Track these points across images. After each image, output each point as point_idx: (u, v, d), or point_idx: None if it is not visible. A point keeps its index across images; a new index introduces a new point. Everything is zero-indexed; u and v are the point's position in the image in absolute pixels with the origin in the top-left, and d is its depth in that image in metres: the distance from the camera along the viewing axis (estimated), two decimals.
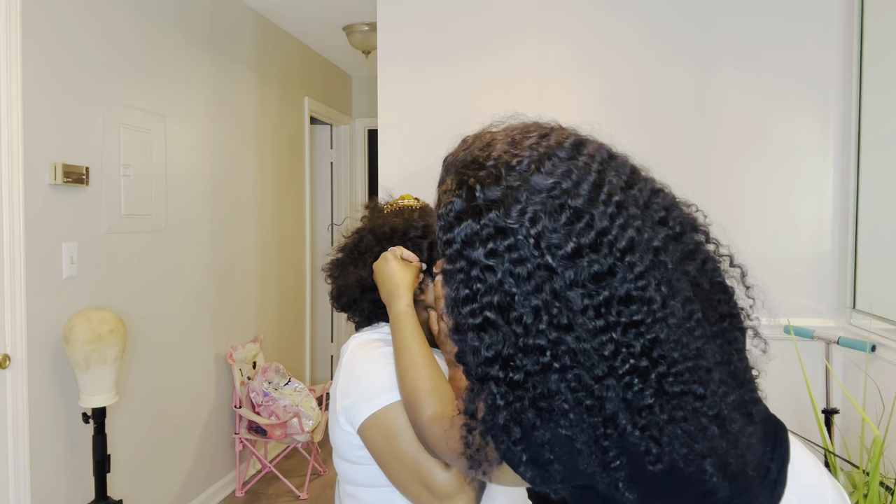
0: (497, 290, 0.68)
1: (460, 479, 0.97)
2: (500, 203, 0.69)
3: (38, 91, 2.09)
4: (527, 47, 2.75)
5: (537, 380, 0.69)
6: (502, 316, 0.68)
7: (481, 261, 0.69)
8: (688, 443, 0.70)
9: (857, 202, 2.38)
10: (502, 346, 0.69)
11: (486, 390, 0.71)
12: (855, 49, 2.40)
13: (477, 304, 0.70)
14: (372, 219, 1.22)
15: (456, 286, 0.72)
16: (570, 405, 0.69)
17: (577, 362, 0.67)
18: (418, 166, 2.85)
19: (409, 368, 1.00)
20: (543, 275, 0.67)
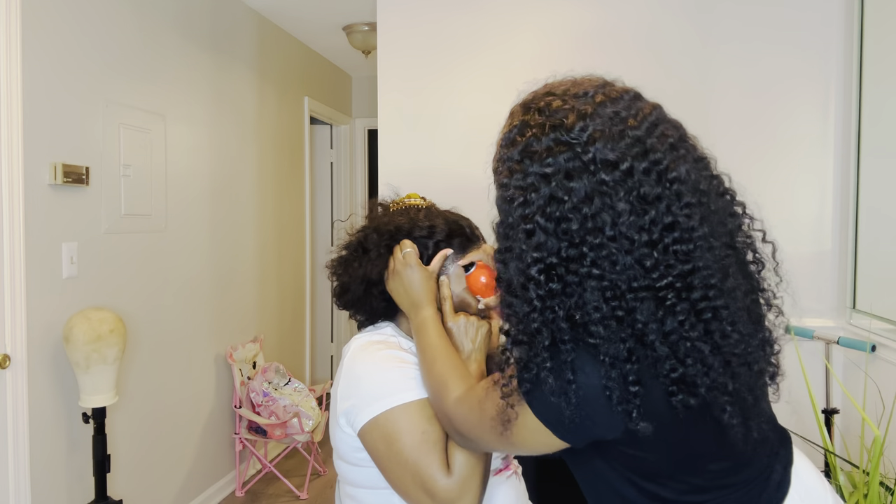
0: (550, 199, 0.73)
1: (462, 485, 0.97)
2: (564, 120, 0.74)
3: (38, 91, 2.09)
4: (527, 46, 2.75)
5: (575, 289, 0.72)
6: (552, 223, 0.73)
7: (539, 171, 0.74)
8: (711, 368, 0.73)
9: (857, 202, 2.38)
10: (547, 253, 0.73)
11: (524, 296, 0.74)
12: (855, 49, 2.40)
13: (529, 210, 0.74)
14: (377, 217, 1.22)
15: (510, 197, 0.76)
16: (602, 313, 0.72)
17: (617, 271, 0.71)
18: (418, 166, 2.85)
19: (435, 360, 1.01)
20: (595, 188, 0.71)
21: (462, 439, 0.96)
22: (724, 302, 0.74)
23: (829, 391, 2.21)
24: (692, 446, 0.81)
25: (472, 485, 0.98)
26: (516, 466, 1.21)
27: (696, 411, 0.75)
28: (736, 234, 0.81)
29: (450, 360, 1.01)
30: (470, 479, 0.97)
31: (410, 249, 1.12)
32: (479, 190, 3.22)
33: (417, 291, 1.09)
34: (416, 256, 1.12)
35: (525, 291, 0.75)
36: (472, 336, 1.10)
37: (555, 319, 0.74)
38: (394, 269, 1.12)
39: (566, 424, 0.77)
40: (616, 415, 0.74)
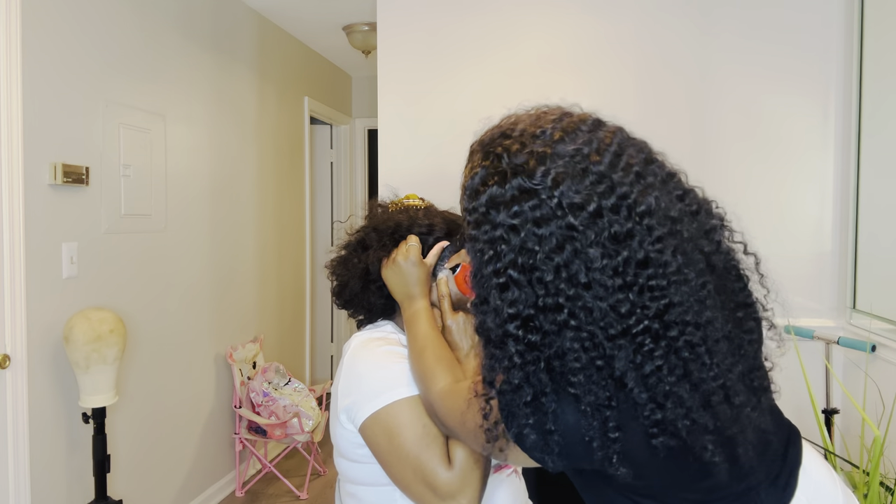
0: (520, 250, 0.71)
1: (463, 478, 0.97)
2: (524, 166, 0.72)
3: (38, 91, 2.09)
4: (527, 46, 2.75)
5: (553, 339, 0.72)
6: (524, 275, 0.71)
7: (506, 221, 0.72)
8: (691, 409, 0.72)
9: (857, 202, 2.38)
10: (523, 306, 0.72)
11: (504, 351, 0.74)
12: (855, 49, 2.40)
13: (501, 263, 0.72)
14: (376, 216, 1.22)
15: (480, 249, 0.75)
16: (581, 363, 0.71)
17: (593, 320, 0.70)
18: (418, 166, 2.85)
19: (424, 349, 1.03)
20: (565, 234, 0.70)
21: (445, 429, 0.98)
22: (700, 336, 0.72)
23: (829, 391, 2.21)
24: (679, 475, 0.80)
25: (473, 478, 0.98)
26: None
27: (677, 451, 0.74)
28: (713, 255, 0.78)
29: (438, 350, 1.03)
30: (471, 472, 0.98)
31: (415, 244, 1.13)
32: None
33: (413, 285, 1.11)
34: (419, 253, 1.13)
35: (504, 346, 0.74)
36: (471, 333, 1.11)
37: (535, 371, 0.73)
38: (394, 258, 1.12)
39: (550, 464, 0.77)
40: (596, 460, 0.74)
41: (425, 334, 1.06)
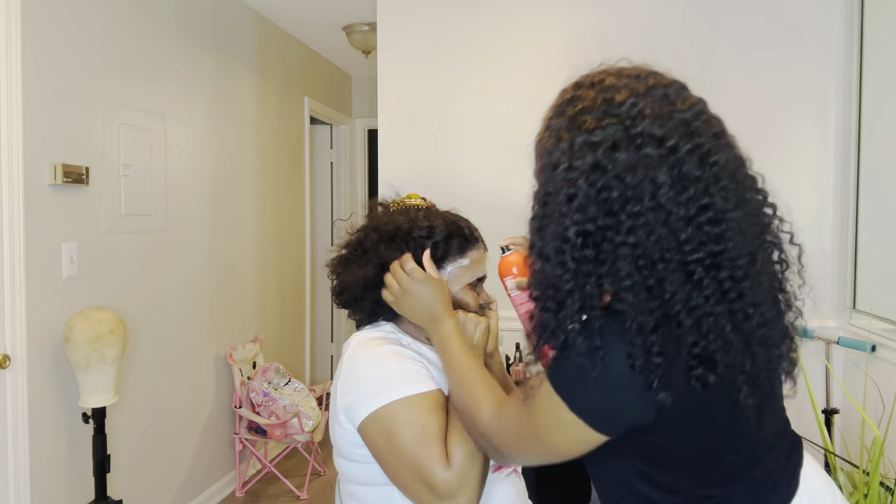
0: (594, 167, 0.76)
1: (461, 478, 0.97)
2: (615, 96, 0.78)
3: (38, 91, 2.09)
4: (527, 45, 2.75)
5: (608, 256, 0.75)
6: (593, 189, 0.75)
7: (588, 139, 0.76)
8: (731, 345, 0.76)
9: (857, 202, 2.38)
10: (585, 218, 0.75)
11: (560, 262, 0.77)
12: (855, 49, 2.40)
13: (573, 174, 0.76)
14: (377, 216, 1.22)
15: (555, 163, 0.79)
16: (633, 281, 0.74)
17: (651, 242, 0.74)
18: (418, 166, 2.85)
19: (462, 377, 1.01)
20: (639, 160, 0.74)
21: (499, 455, 0.95)
22: (749, 284, 0.76)
23: (829, 391, 2.21)
24: (707, 432, 0.83)
25: (472, 478, 0.98)
26: (516, 465, 1.21)
27: (712, 391, 0.77)
28: (766, 231, 0.83)
29: (476, 375, 1.00)
30: (469, 472, 0.98)
31: (412, 264, 1.10)
32: (478, 190, 3.25)
33: (433, 304, 1.08)
34: (420, 271, 1.10)
35: (560, 255, 0.77)
36: (470, 333, 1.11)
37: (586, 285, 0.76)
38: (401, 290, 1.09)
39: (590, 399, 0.78)
40: (637, 385, 0.75)
41: (459, 361, 1.03)
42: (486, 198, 2.79)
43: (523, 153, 3.21)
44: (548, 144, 0.82)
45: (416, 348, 1.14)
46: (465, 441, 0.99)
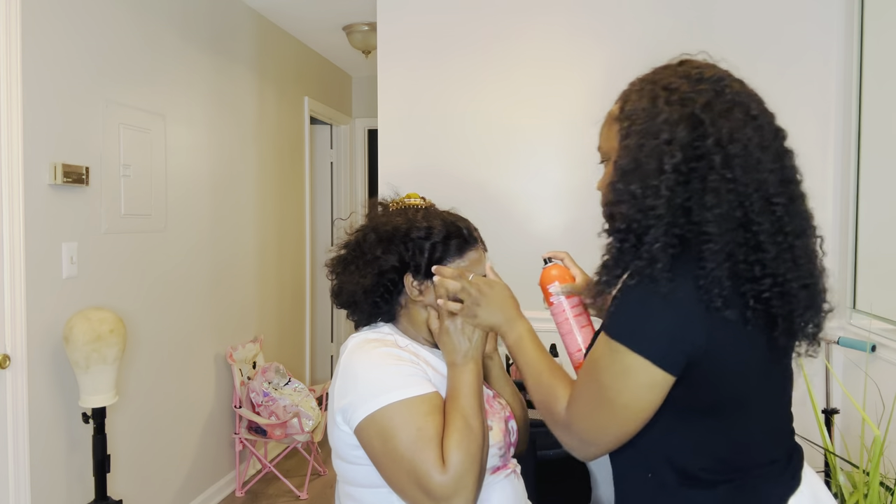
0: (690, 117, 0.88)
1: (457, 481, 0.97)
2: (704, 72, 0.92)
3: (38, 91, 2.09)
4: (527, 45, 2.75)
5: (696, 192, 0.86)
6: (691, 134, 0.87)
7: (680, 94, 0.90)
8: (790, 279, 0.89)
9: (857, 202, 2.38)
10: (681, 160, 0.86)
11: (655, 182, 0.87)
12: (855, 49, 2.40)
13: (672, 122, 0.87)
14: (376, 216, 1.22)
15: (654, 114, 0.89)
16: (721, 211, 0.85)
17: (745, 178, 0.86)
18: (418, 166, 2.85)
19: (540, 376, 1.01)
20: (728, 115, 0.88)
21: (584, 446, 0.95)
22: (803, 242, 0.91)
23: (829, 391, 2.21)
24: (741, 379, 0.92)
25: (468, 482, 0.98)
26: (515, 465, 1.21)
27: (754, 330, 0.88)
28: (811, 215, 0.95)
29: (553, 371, 1.01)
30: (465, 475, 0.98)
31: (472, 274, 1.11)
32: (478, 190, 3.24)
33: (506, 305, 1.09)
34: (483, 280, 1.10)
35: (655, 189, 0.86)
36: (469, 335, 1.10)
37: (674, 215, 0.86)
38: (480, 294, 1.08)
39: (651, 333, 0.86)
40: (699, 310, 0.85)
41: (536, 359, 1.03)
42: (487, 198, 2.79)
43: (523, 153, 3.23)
44: (642, 101, 0.92)
45: (414, 350, 1.14)
46: (461, 444, 0.99)
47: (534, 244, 2.76)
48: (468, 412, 1.03)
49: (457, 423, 1.01)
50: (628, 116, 0.92)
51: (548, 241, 2.75)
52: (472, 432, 1.01)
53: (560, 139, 2.73)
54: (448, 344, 1.11)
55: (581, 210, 2.72)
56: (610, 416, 0.90)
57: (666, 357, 0.86)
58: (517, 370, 1.07)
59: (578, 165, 2.71)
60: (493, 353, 1.23)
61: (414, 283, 1.15)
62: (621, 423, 0.90)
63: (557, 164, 2.74)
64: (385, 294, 1.15)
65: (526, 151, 2.77)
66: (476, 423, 1.03)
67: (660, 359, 0.86)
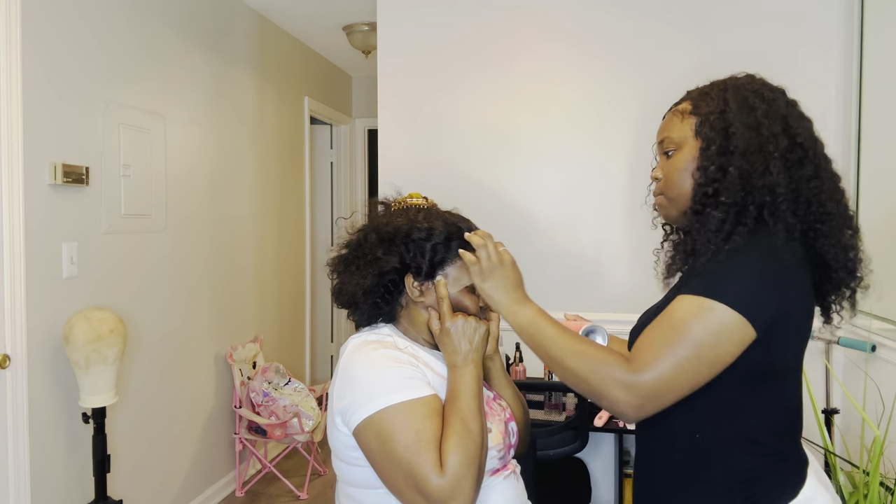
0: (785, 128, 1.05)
1: (454, 485, 0.97)
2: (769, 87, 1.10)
3: (37, 91, 2.09)
4: (526, 44, 2.75)
5: (779, 181, 1.01)
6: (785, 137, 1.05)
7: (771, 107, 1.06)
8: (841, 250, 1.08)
9: (857, 202, 2.38)
10: (774, 156, 1.02)
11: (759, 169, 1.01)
12: (855, 48, 2.40)
13: (771, 129, 1.03)
14: (377, 216, 1.21)
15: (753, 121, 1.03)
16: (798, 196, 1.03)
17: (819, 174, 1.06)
18: (418, 166, 2.85)
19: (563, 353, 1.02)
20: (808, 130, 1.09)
21: (646, 402, 0.95)
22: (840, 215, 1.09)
23: (829, 391, 2.21)
24: (800, 344, 1.04)
25: (465, 485, 0.98)
26: (514, 466, 1.20)
27: (809, 300, 1.05)
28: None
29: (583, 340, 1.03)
30: (463, 479, 0.97)
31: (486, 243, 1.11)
32: (479, 190, 3.24)
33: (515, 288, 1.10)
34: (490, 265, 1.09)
35: (766, 163, 1.00)
36: (469, 336, 1.10)
37: (764, 196, 1.00)
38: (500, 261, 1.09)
39: (746, 293, 0.94)
40: (779, 274, 0.97)
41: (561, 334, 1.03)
42: (487, 197, 2.79)
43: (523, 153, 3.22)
44: (739, 114, 1.04)
45: (413, 351, 1.14)
46: (459, 447, 0.99)
47: (534, 243, 2.76)
48: (467, 414, 1.03)
49: (455, 425, 1.01)
50: (722, 111, 1.05)
51: (548, 240, 2.75)
52: (471, 435, 1.01)
53: (560, 138, 2.73)
54: (448, 345, 1.10)
55: (582, 210, 2.72)
56: (692, 372, 0.94)
57: (758, 315, 0.94)
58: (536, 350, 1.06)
59: (579, 164, 2.71)
60: (494, 354, 1.23)
61: (415, 284, 1.15)
62: (700, 377, 0.95)
63: (558, 164, 2.74)
64: (386, 295, 1.15)
65: (526, 150, 2.77)
66: (475, 425, 1.03)
67: (753, 315, 0.93)
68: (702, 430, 1.01)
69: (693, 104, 1.08)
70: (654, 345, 0.96)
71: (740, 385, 0.99)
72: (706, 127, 1.04)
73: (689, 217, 1.05)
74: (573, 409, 2.40)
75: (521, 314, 1.07)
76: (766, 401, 1.01)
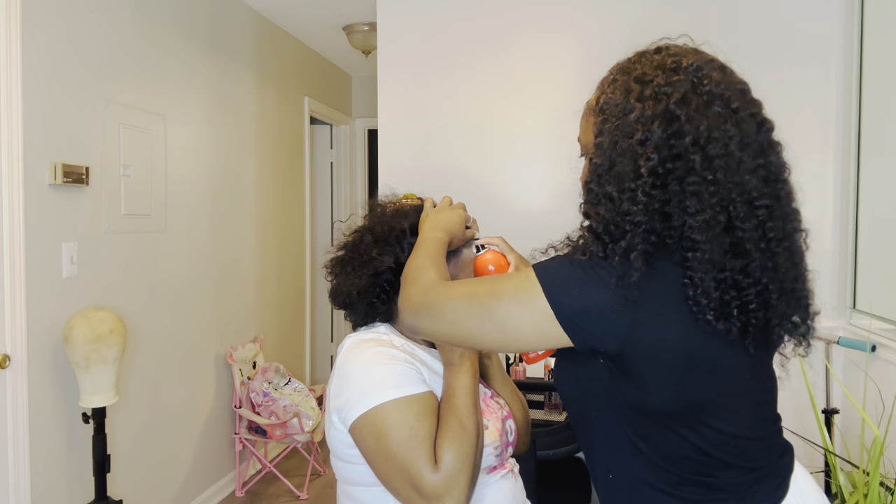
0: (665, 113, 0.81)
1: (448, 481, 0.97)
2: (682, 60, 0.85)
3: (38, 91, 2.09)
4: (526, 45, 2.75)
5: (675, 195, 0.80)
6: (665, 131, 0.81)
7: (659, 90, 0.83)
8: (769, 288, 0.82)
9: (857, 202, 2.38)
10: (658, 161, 0.81)
11: (630, 199, 0.81)
12: (855, 48, 2.40)
13: (646, 119, 0.82)
14: (373, 217, 1.22)
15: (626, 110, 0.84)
16: (705, 217, 0.79)
17: (727, 180, 0.80)
18: (418, 166, 2.85)
19: (423, 255, 1.04)
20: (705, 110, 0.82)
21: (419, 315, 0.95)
22: (788, 245, 0.84)
23: (829, 391, 2.21)
24: (704, 385, 0.85)
25: (460, 481, 0.98)
26: (513, 465, 1.21)
27: (719, 337, 0.82)
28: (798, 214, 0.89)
29: (438, 264, 1.03)
30: (457, 475, 0.98)
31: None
32: (478, 190, 3.24)
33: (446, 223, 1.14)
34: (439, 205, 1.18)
35: (632, 192, 0.81)
36: None
37: (652, 220, 0.81)
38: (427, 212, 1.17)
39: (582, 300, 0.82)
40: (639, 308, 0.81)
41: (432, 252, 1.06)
42: (487, 197, 2.79)
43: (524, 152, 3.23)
44: (615, 95, 0.87)
45: (410, 349, 1.14)
46: (454, 444, 0.99)
47: (534, 243, 2.76)
48: (462, 412, 1.03)
49: (451, 423, 1.02)
50: (602, 111, 0.88)
51: (548, 239, 2.75)
52: (466, 432, 1.01)
53: (560, 138, 2.73)
54: (445, 343, 1.11)
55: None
56: (478, 317, 0.88)
57: (571, 324, 0.83)
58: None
59: (578, 164, 2.71)
60: (492, 352, 1.23)
61: None
62: (482, 331, 0.88)
63: (558, 164, 2.74)
64: (381, 295, 1.16)
65: (526, 150, 2.77)
66: (470, 423, 1.03)
67: (566, 320, 0.83)
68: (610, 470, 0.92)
69: (597, 96, 0.99)
70: (470, 280, 0.97)
71: (632, 419, 0.88)
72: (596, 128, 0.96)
73: None
74: None
75: (434, 234, 1.10)
76: (669, 446, 0.87)
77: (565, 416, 2.40)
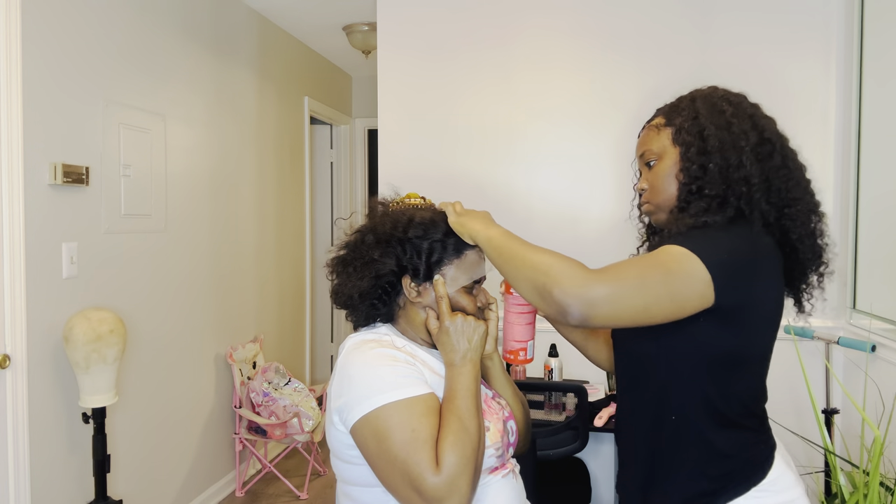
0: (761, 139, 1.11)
1: (450, 483, 0.97)
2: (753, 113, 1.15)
3: (38, 91, 2.09)
4: (526, 45, 2.75)
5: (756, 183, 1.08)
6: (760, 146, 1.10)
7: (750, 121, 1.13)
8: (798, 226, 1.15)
9: (857, 202, 2.38)
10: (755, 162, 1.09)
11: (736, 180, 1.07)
12: (855, 47, 2.40)
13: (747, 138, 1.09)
14: (375, 217, 1.22)
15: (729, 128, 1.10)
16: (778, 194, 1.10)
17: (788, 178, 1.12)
18: (418, 166, 2.85)
19: (536, 249, 1.07)
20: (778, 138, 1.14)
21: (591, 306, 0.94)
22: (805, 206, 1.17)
23: (829, 391, 2.21)
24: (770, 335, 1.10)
25: (461, 483, 0.97)
26: (514, 465, 1.20)
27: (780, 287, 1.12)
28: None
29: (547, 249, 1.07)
30: (459, 477, 0.97)
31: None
32: (478, 190, 3.24)
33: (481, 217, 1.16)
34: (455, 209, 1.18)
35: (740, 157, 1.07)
36: (468, 335, 1.10)
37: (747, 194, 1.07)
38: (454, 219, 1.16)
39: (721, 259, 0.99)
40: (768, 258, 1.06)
41: (523, 242, 1.10)
42: (487, 197, 2.79)
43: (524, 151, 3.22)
44: (710, 117, 1.10)
45: (411, 350, 1.14)
46: (456, 446, 0.99)
47: (535, 241, 2.76)
48: (464, 413, 1.03)
49: (452, 424, 1.01)
50: (699, 123, 1.11)
51: (548, 239, 2.75)
52: (468, 434, 1.01)
53: (560, 137, 2.73)
54: (447, 344, 1.10)
55: (581, 209, 2.72)
56: (653, 295, 0.96)
57: (720, 287, 0.97)
58: (501, 257, 1.09)
59: (579, 162, 2.71)
60: (493, 353, 1.23)
61: (412, 284, 1.15)
62: (656, 305, 0.96)
63: (558, 162, 2.74)
64: (383, 296, 1.15)
65: (527, 149, 2.77)
66: (472, 424, 1.03)
67: (717, 286, 0.97)
68: (677, 411, 1.07)
69: (666, 117, 1.16)
70: (626, 262, 1.00)
71: (713, 369, 1.04)
72: (682, 134, 1.12)
73: (675, 214, 1.11)
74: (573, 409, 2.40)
75: (494, 230, 1.13)
76: (737, 386, 1.06)
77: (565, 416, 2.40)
